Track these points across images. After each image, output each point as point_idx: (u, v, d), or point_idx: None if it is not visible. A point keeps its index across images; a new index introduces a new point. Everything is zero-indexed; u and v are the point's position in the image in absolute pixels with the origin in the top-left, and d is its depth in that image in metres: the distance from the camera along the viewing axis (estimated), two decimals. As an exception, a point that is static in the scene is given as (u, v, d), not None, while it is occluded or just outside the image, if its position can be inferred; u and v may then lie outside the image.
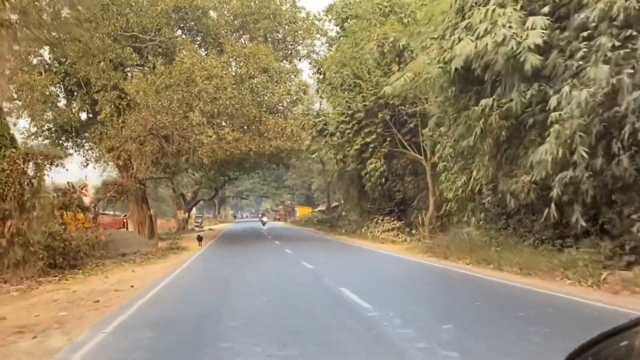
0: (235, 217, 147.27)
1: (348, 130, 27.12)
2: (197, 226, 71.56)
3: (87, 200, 29.06)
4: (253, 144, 32.32)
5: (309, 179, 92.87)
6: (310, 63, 37.14)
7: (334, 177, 58.66)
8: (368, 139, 26.70)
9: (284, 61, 37.21)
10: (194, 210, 78.26)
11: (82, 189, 27.26)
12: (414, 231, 28.06)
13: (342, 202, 59.99)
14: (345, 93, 26.72)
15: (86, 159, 39.61)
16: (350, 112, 26.40)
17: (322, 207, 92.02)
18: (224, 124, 32.21)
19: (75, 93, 35.08)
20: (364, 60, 26.03)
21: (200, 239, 32.85)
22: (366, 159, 27.74)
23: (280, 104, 33.84)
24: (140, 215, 39.82)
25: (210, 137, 30.01)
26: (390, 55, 25.17)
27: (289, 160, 42.43)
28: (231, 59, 32.75)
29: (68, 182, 25.39)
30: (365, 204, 35.33)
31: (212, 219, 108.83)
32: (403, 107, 24.45)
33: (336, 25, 37.14)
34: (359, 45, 27.02)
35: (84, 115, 38.65)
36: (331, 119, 30.35)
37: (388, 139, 27.41)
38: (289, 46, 39.08)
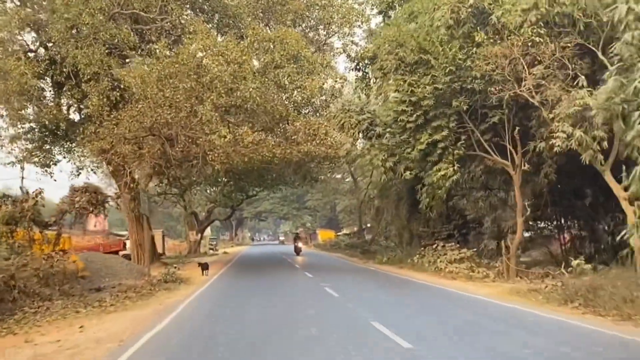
0: (253, 239, 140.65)
1: (410, 124, 20.10)
2: (211, 249, 65.15)
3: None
4: (278, 149, 25.63)
5: (334, 198, 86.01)
6: (347, 56, 30.58)
7: (366, 195, 51.83)
8: (437, 136, 19.70)
9: (316, 53, 30.60)
10: (208, 231, 71.68)
11: (36, 195, 20.59)
12: (489, 262, 21.17)
13: (378, 224, 53.03)
14: (406, 76, 19.82)
15: (77, 167, 33.21)
16: (413, 98, 19.48)
17: (346, 231, 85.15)
18: (241, 121, 25.52)
19: (64, 86, 28.69)
20: (432, 30, 19.20)
21: (204, 267, 26.00)
22: (432, 164, 20.74)
23: (312, 100, 27.07)
24: (140, 235, 33.26)
25: (225, 137, 23.37)
26: (468, 25, 18.41)
27: (319, 169, 35.63)
28: (254, 44, 26.19)
29: (21, 187, 18.83)
30: (415, 227, 28.42)
31: (228, 241, 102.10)
32: (493, 91, 17.43)
33: (379, 13, 30.36)
34: (424, 14, 20.25)
35: (76, 114, 32.56)
36: (382, 115, 23.53)
37: (463, 137, 20.41)
38: (322, 36, 32.54)
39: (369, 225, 79.69)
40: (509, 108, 18.71)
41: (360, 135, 24.60)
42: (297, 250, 43.40)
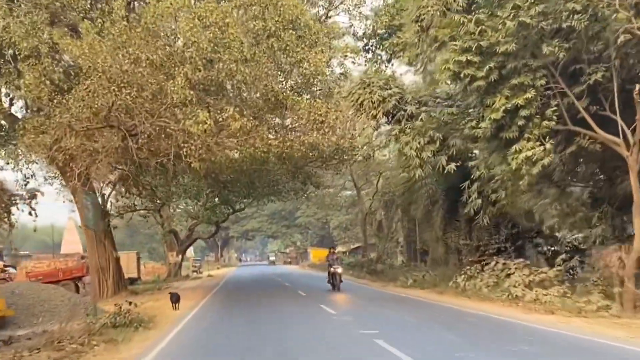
0: (240, 260, 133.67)
1: (478, 83, 13.83)
2: (195, 271, 58.77)
3: None
4: (274, 140, 19.60)
5: (326, 215, 79.86)
6: (354, 36, 24.68)
7: (371, 206, 45.71)
8: (518, 100, 13.48)
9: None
10: (191, 252, 65.21)
11: None
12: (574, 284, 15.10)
13: (382, 239, 46.97)
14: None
15: (25, 176, 26.74)
16: (483, 43, 13.32)
17: (342, 248, 78.98)
18: (226, 104, 19.39)
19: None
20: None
21: (175, 299, 19.27)
22: (503, 145, 14.47)
23: (317, 79, 20.91)
24: (102, 257, 26.93)
25: (204, 124, 17.23)
26: None
27: (323, 171, 29.37)
28: (240, 8, 20.23)
29: None
30: (453, 239, 22.27)
31: (213, 262, 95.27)
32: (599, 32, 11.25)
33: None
34: None
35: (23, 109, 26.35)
36: (416, 90, 17.47)
37: (553, 102, 14.16)
38: (324, 9, 26.66)
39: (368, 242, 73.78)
40: (621, 58, 12.78)
41: (383, 119, 18.53)
42: (334, 281, 25.44)
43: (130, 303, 15.38)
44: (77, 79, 19.69)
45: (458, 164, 16.91)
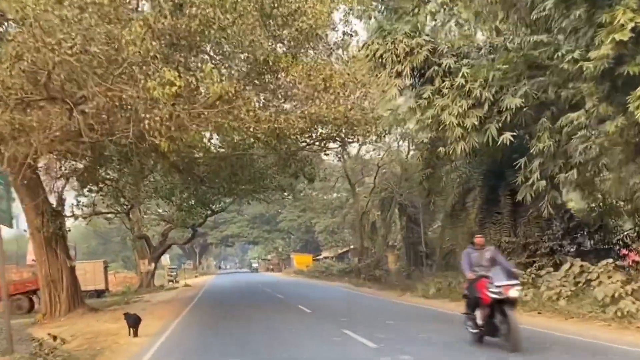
0: (219, 267, 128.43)
1: None
2: (171, 280, 54.03)
3: None
4: (265, 111, 15.21)
5: (310, 218, 75.40)
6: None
7: (368, 204, 41.42)
8: None
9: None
10: (166, 259, 60.23)
11: None
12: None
13: (376, 242, 42.70)
14: None
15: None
16: None
17: (328, 253, 74.69)
18: (201, 62, 14.89)
19: None
20: None
21: (132, 323, 14.23)
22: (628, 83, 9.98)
23: (316, 34, 16.45)
24: (53, 267, 22.29)
25: (172, 85, 12.76)
26: None
27: (320, 160, 24.94)
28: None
29: None
30: (494, 234, 17.87)
31: (191, 270, 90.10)
32: None
33: None
34: None
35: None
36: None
37: None
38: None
39: (352, 246, 69.30)
40: None
41: (408, 81, 14.18)
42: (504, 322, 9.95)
43: (55, 338, 10.66)
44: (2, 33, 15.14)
45: (515, 133, 12.67)
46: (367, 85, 15.27)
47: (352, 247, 68.62)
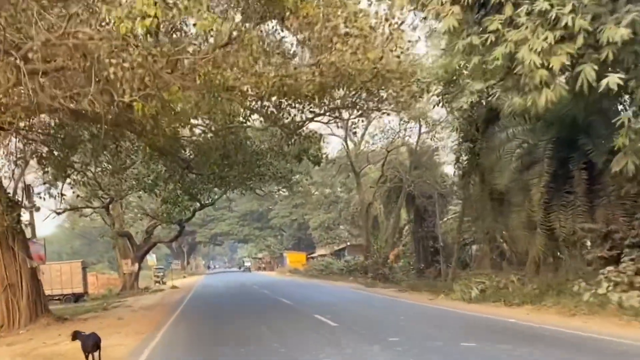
0: (209, 267, 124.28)
1: None
2: (158, 281, 50.36)
3: None
4: (266, 58, 11.60)
5: (303, 214, 71.79)
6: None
7: (375, 194, 37.79)
8: None
9: None
10: (153, 259, 56.23)
11: None
12: None
13: (378, 238, 39.05)
14: None
15: None
16: None
17: (323, 251, 71.13)
18: None
19: None
20: None
21: (90, 346, 10.13)
22: None
23: None
24: (9, 269, 18.60)
25: (146, 17, 9.09)
26: None
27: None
28: None
29: None
30: (563, 220, 14.13)
31: (179, 270, 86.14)
32: None
33: None
34: None
35: None
36: None
37: None
38: None
39: (348, 243, 65.70)
40: None
41: (460, 15, 10.55)
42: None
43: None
44: None
45: (624, 76, 9.13)
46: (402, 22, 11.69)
47: (348, 243, 65.10)
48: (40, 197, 23.26)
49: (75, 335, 10.39)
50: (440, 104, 18.31)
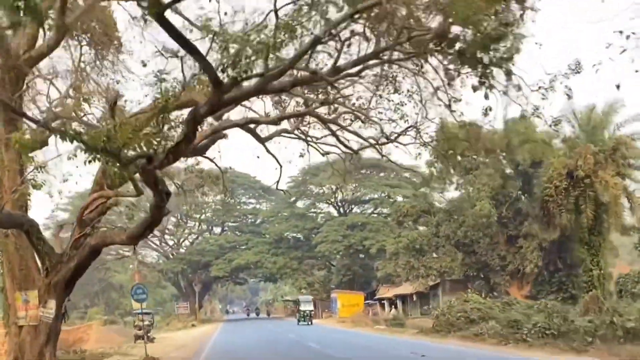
0: (227, 312, 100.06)
1: None
2: (141, 336, 28.48)
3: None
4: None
5: (362, 238, 48.51)
6: None
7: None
8: None
9: None
10: (137, 297, 32.18)
11: None
12: None
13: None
14: None
15: None
16: None
17: (400, 290, 47.52)
18: None
19: None
20: None
21: None
22: None
23: None
24: None
25: None
26: None
27: None
28: None
29: None
30: None
31: (187, 316, 62.18)
32: None
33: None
34: None
35: None
36: None
37: None
38: None
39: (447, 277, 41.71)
40: None
41: None
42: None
43: None
44: None
45: None
46: None
47: (447, 278, 41.25)
48: None
49: None
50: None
